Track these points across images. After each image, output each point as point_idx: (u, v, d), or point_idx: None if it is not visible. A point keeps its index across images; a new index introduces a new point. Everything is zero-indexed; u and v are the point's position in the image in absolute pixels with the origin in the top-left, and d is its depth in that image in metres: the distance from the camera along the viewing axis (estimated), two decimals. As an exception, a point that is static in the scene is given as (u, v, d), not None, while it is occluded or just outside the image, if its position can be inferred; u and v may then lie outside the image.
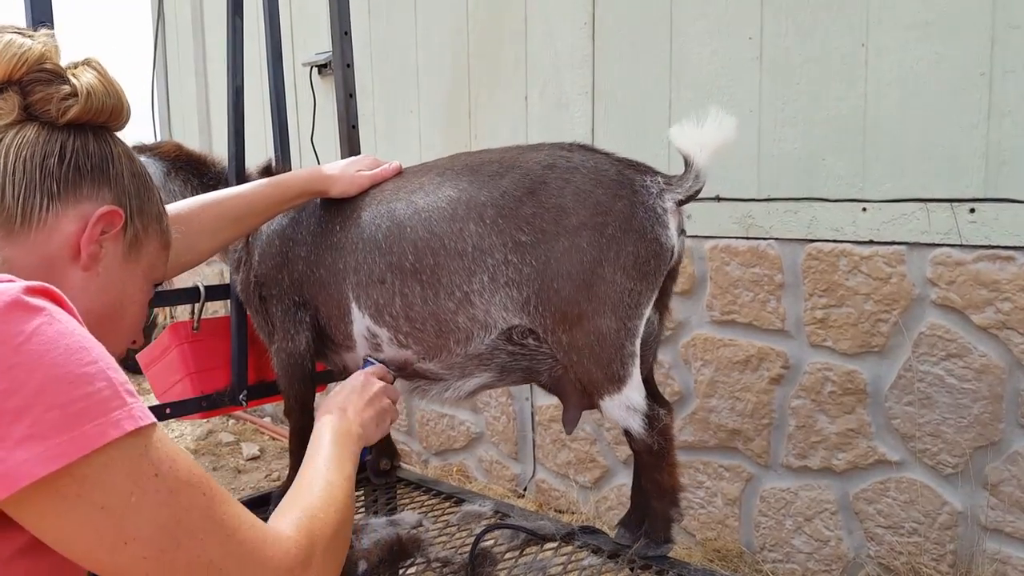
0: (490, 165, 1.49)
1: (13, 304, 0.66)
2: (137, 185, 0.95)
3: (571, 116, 2.89)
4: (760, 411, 2.53)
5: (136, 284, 0.97)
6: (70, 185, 0.87)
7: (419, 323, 1.49)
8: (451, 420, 3.56)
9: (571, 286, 1.37)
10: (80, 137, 0.89)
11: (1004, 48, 1.98)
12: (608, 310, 1.37)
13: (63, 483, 0.64)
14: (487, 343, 1.47)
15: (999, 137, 2.01)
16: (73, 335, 0.68)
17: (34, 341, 0.65)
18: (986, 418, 2.10)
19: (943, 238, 2.12)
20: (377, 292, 1.52)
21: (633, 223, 1.37)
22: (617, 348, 1.38)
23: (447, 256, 1.44)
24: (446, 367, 1.53)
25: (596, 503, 3.02)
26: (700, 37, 2.52)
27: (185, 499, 0.71)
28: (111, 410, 0.67)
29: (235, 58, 1.92)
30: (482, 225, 1.42)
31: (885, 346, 2.25)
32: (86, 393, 0.66)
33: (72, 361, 0.66)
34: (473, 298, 1.43)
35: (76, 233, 0.87)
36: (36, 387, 0.64)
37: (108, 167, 0.91)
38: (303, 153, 3.10)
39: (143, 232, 0.95)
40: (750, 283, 2.50)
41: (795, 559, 2.52)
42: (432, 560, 1.56)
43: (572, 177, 1.41)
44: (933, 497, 2.23)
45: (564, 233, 1.37)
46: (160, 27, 5.24)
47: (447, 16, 3.29)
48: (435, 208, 1.48)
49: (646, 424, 1.41)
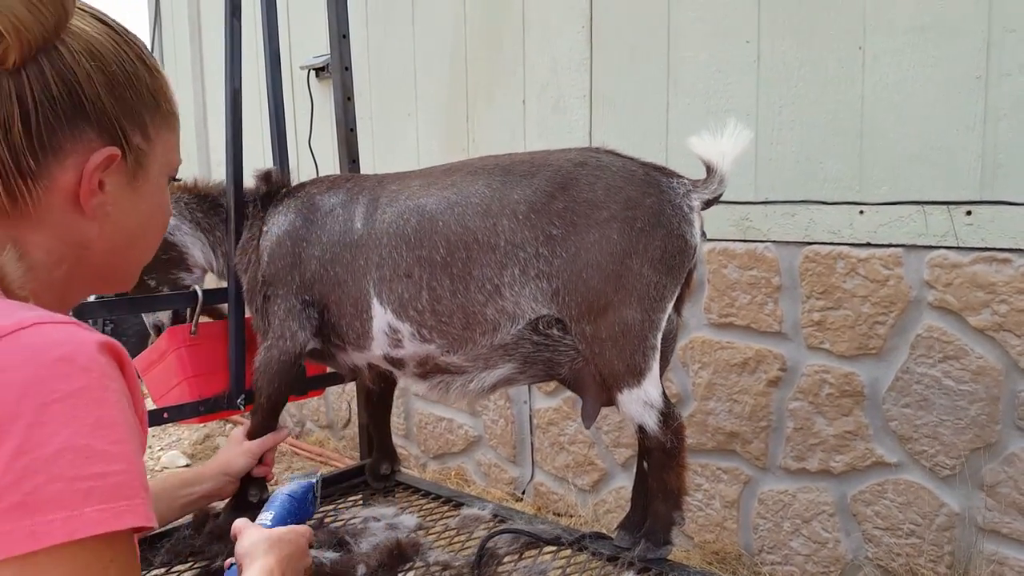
0: (521, 165, 1.54)
1: (66, 358, 0.62)
2: (119, 95, 0.77)
3: (569, 120, 2.89)
4: (758, 413, 2.53)
5: (153, 195, 0.85)
6: (48, 147, 0.73)
7: (446, 316, 1.52)
8: (449, 424, 3.56)
9: (600, 276, 1.42)
10: (35, 77, 0.71)
11: (1000, 51, 1.99)
12: (634, 301, 1.41)
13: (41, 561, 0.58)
14: (513, 333, 1.50)
15: (995, 140, 2.01)
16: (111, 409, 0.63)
17: (67, 403, 0.60)
18: (983, 420, 2.11)
19: (940, 240, 2.12)
20: (402, 286, 1.55)
21: (661, 219, 1.43)
22: (640, 339, 1.42)
23: (480, 250, 1.48)
24: (470, 359, 1.55)
25: (595, 506, 3.02)
26: (698, 41, 2.53)
27: None
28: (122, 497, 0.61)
29: (233, 61, 1.92)
30: (515, 221, 1.47)
31: (882, 348, 2.26)
32: (100, 472, 0.60)
33: (97, 435, 0.61)
34: (504, 290, 1.48)
35: (72, 188, 0.75)
36: (51, 453, 0.59)
37: (80, 100, 0.74)
38: (300, 157, 3.10)
39: (144, 142, 0.81)
40: (747, 286, 2.51)
41: (793, 561, 2.53)
42: (431, 564, 1.56)
43: (602, 174, 1.46)
44: (930, 499, 2.23)
45: (595, 225, 1.42)
46: (157, 30, 5.24)
47: (445, 19, 3.30)
48: (468, 204, 1.52)
49: (661, 421, 1.44)
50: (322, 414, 4.24)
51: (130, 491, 0.62)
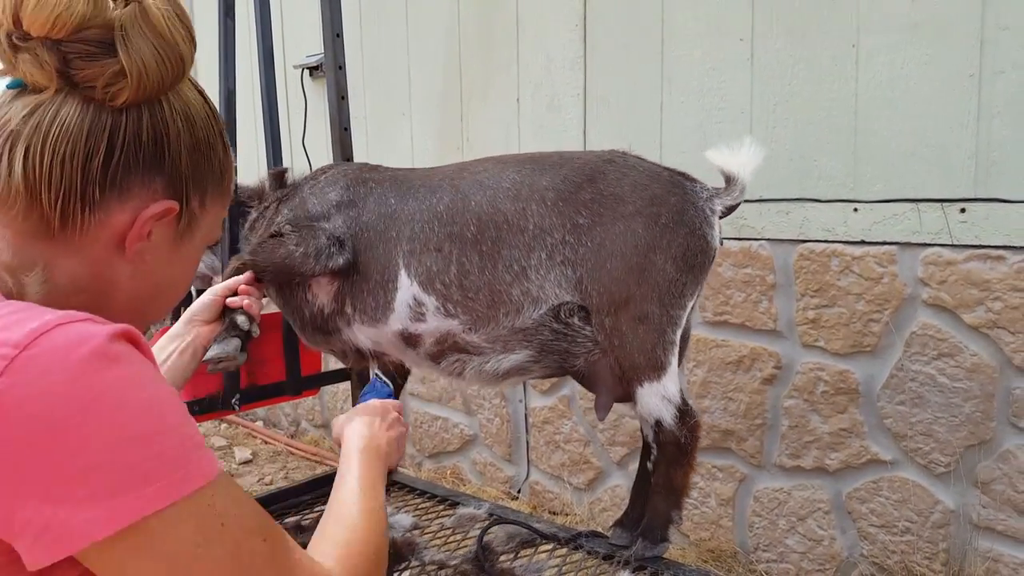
0: (550, 157, 1.60)
1: (93, 354, 0.64)
2: (196, 159, 0.81)
3: (563, 118, 2.89)
4: (753, 411, 2.54)
5: (189, 260, 0.88)
6: (117, 185, 0.75)
7: (472, 292, 1.54)
8: (445, 423, 3.56)
9: (623, 267, 1.45)
10: (132, 122, 0.75)
11: (994, 49, 1.99)
12: (655, 296, 1.45)
13: (130, 537, 0.63)
14: (534, 318, 1.52)
15: (989, 137, 2.02)
16: (147, 388, 0.67)
17: (108, 397, 0.63)
18: (977, 417, 2.11)
19: (934, 238, 2.13)
20: (431, 259, 1.56)
21: (684, 217, 1.48)
22: (660, 334, 1.46)
23: (510, 231, 1.52)
24: (490, 339, 1.57)
25: (590, 504, 3.03)
26: (691, 39, 2.53)
27: (248, 546, 0.71)
28: (179, 468, 0.66)
29: (227, 60, 1.91)
30: (544, 206, 1.51)
31: (877, 346, 2.26)
32: (155, 453, 0.64)
33: (143, 420, 0.65)
34: (530, 273, 1.51)
35: (123, 228, 0.77)
36: (104, 445, 0.62)
37: (164, 153, 0.78)
38: (295, 156, 3.09)
39: (199, 209, 0.84)
40: (742, 284, 2.51)
41: (789, 559, 2.53)
42: (427, 563, 1.56)
43: (629, 172, 1.52)
44: (925, 496, 2.24)
45: (620, 218, 1.47)
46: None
47: (439, 18, 3.29)
48: (499, 187, 1.56)
49: (678, 417, 1.47)
50: (317, 413, 4.23)
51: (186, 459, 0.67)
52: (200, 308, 1.53)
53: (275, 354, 1.98)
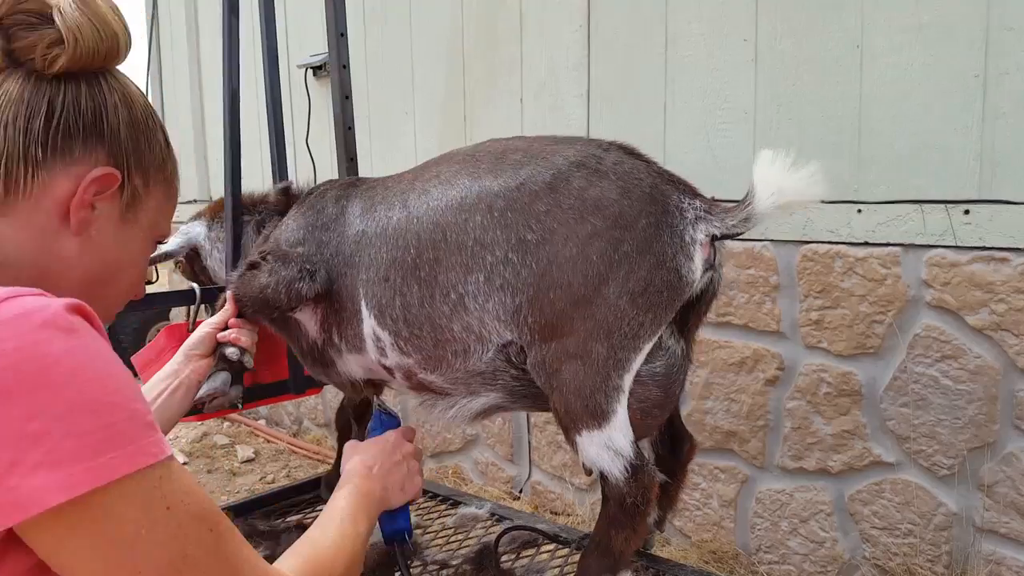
0: (515, 154, 1.34)
1: (48, 323, 0.64)
2: (136, 136, 0.86)
3: (566, 118, 2.89)
4: (755, 413, 2.53)
5: (136, 245, 0.90)
6: (59, 149, 0.79)
7: (417, 328, 1.36)
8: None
9: (567, 299, 1.21)
10: (71, 90, 0.80)
11: (999, 50, 1.99)
12: (601, 334, 1.20)
13: (76, 512, 0.63)
14: (486, 360, 1.32)
15: (993, 139, 2.01)
16: (102, 361, 0.67)
17: (62, 365, 0.63)
18: (981, 419, 2.11)
19: (938, 239, 2.12)
20: (381, 290, 1.39)
21: (654, 246, 1.20)
22: (602, 378, 1.21)
23: (447, 250, 1.30)
24: (449, 381, 1.39)
25: (592, 505, 3.02)
26: (695, 39, 2.53)
27: (194, 534, 0.70)
28: (131, 442, 0.66)
29: (231, 60, 1.91)
30: (489, 217, 1.27)
31: (880, 347, 2.26)
32: (107, 424, 0.65)
33: (98, 389, 0.65)
34: (467, 301, 1.29)
35: (66, 197, 0.80)
36: (58, 413, 0.62)
37: (102, 122, 0.82)
38: (298, 156, 3.09)
39: (142, 188, 0.87)
40: (745, 285, 2.51)
41: (791, 560, 2.53)
42: (429, 563, 1.56)
43: (598, 181, 1.25)
44: (928, 498, 2.23)
45: (574, 239, 1.22)
46: (154, 29, 5.22)
47: (442, 18, 3.29)
48: (445, 197, 1.33)
49: (629, 473, 1.23)
50: (320, 412, 4.23)
51: (138, 434, 0.67)
52: (196, 342, 1.50)
53: (278, 353, 1.98)
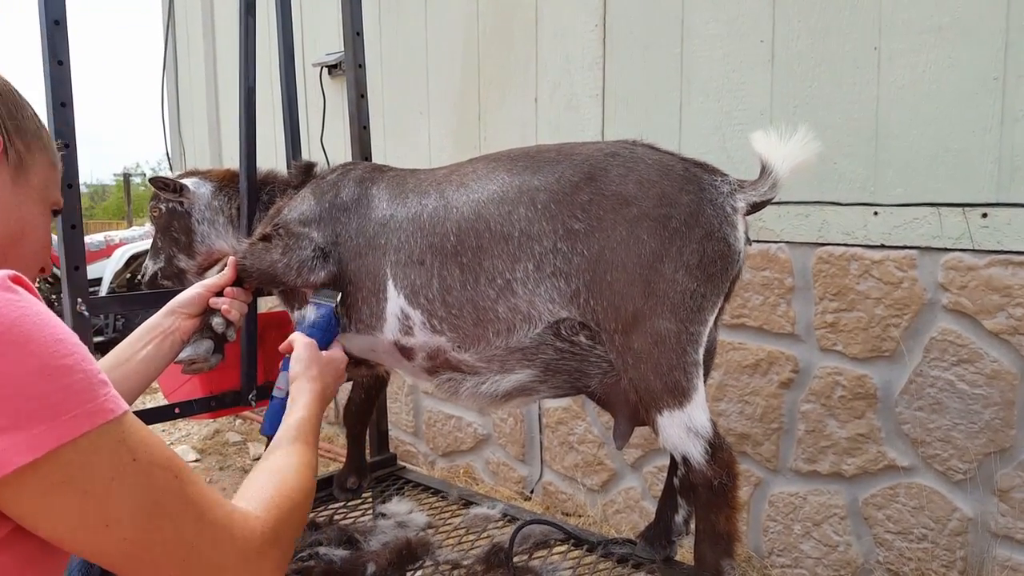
0: (548, 153, 1.42)
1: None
2: (8, 105, 0.93)
3: (581, 118, 2.88)
4: (769, 415, 2.52)
5: (32, 208, 0.96)
6: None
7: (456, 309, 1.41)
8: (458, 422, 3.56)
9: (626, 279, 1.26)
10: None
11: (1018, 52, 1.97)
12: (667, 311, 1.25)
13: (46, 469, 0.66)
14: (532, 337, 1.37)
15: (1012, 142, 1.99)
16: (50, 326, 0.69)
17: (15, 331, 0.65)
18: (997, 424, 2.09)
19: (955, 243, 2.10)
20: (415, 272, 1.45)
21: (700, 219, 1.28)
22: (678, 354, 1.25)
23: (491, 239, 1.36)
24: (483, 359, 1.43)
25: (603, 506, 3.02)
26: (711, 40, 2.52)
27: (161, 481, 0.73)
28: (88, 400, 0.68)
29: (247, 58, 1.92)
30: (533, 210, 1.33)
31: (896, 351, 2.24)
32: (64, 385, 0.67)
33: (50, 353, 0.67)
34: (515, 286, 1.34)
35: None
36: (14, 377, 0.64)
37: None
38: (313, 154, 3.10)
39: (26, 152, 0.95)
40: (760, 287, 2.50)
41: (804, 564, 2.51)
42: (441, 563, 1.56)
43: (636, 166, 1.31)
44: (943, 503, 2.21)
45: (623, 222, 1.27)
46: (171, 28, 5.26)
47: (457, 17, 3.29)
48: (485, 189, 1.40)
49: (708, 453, 1.25)
50: (330, 410, 4.25)
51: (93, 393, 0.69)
52: (186, 300, 1.51)
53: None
